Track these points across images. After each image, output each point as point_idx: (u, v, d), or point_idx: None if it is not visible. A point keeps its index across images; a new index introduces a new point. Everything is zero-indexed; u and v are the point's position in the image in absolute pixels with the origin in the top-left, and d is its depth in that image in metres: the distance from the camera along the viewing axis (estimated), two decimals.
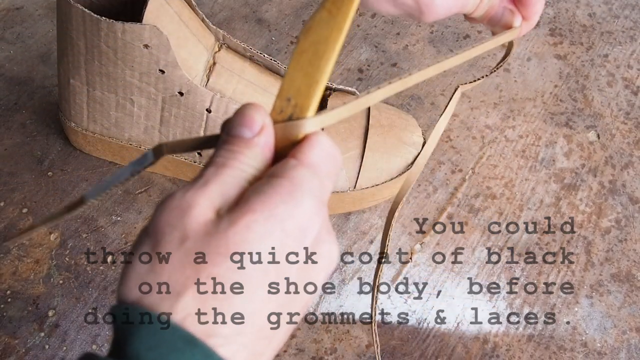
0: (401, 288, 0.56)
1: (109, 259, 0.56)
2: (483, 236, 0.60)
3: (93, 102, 0.55)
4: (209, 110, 0.53)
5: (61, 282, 0.54)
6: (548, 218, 0.61)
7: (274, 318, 0.26)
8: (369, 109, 0.59)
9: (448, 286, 0.57)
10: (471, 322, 0.55)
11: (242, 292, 0.25)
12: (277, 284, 0.26)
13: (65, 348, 0.51)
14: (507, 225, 0.60)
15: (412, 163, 0.57)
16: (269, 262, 0.25)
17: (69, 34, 0.51)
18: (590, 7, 0.77)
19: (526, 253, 0.59)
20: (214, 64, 0.56)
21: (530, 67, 0.71)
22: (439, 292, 0.56)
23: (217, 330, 0.24)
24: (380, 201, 0.59)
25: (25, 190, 0.59)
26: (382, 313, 0.55)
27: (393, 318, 0.55)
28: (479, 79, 0.46)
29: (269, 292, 0.25)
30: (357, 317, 0.55)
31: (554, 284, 0.58)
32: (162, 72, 0.51)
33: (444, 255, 0.58)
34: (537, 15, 0.44)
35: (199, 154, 0.56)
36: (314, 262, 0.27)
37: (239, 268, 0.24)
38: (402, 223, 0.60)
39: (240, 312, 0.25)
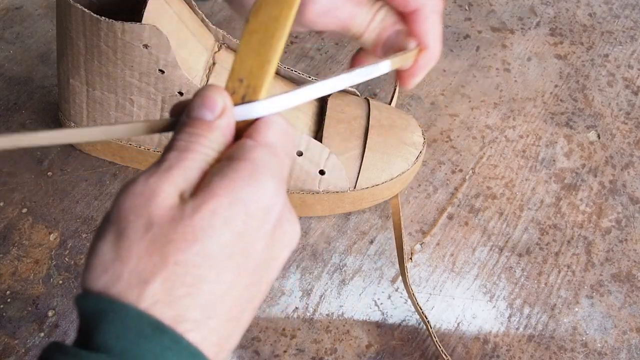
0: (401, 288, 0.56)
1: None
2: (483, 236, 0.59)
3: (93, 102, 0.55)
4: None
5: (61, 282, 0.54)
6: (548, 218, 0.61)
7: (241, 299, 0.26)
8: (369, 109, 0.58)
9: (448, 286, 0.57)
10: (471, 322, 0.55)
11: (210, 277, 0.25)
12: (244, 265, 0.26)
13: None
14: (507, 225, 0.60)
15: (414, 163, 0.57)
16: (234, 245, 0.25)
17: (68, 33, 0.51)
18: (591, 7, 0.77)
19: (526, 253, 0.59)
20: (214, 64, 0.56)
21: (531, 67, 0.71)
22: (439, 292, 0.56)
23: (186, 315, 0.24)
24: (381, 201, 0.59)
25: (25, 190, 0.59)
26: (383, 313, 0.55)
27: (393, 318, 0.55)
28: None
29: (236, 274, 0.26)
30: (357, 317, 0.55)
31: (554, 284, 0.58)
32: (162, 72, 0.51)
33: (444, 255, 0.58)
34: (436, 42, 0.39)
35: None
36: (277, 241, 0.27)
37: (205, 253, 0.25)
38: (402, 223, 0.60)
39: (208, 296, 0.25)
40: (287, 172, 0.28)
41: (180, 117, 0.29)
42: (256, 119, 0.28)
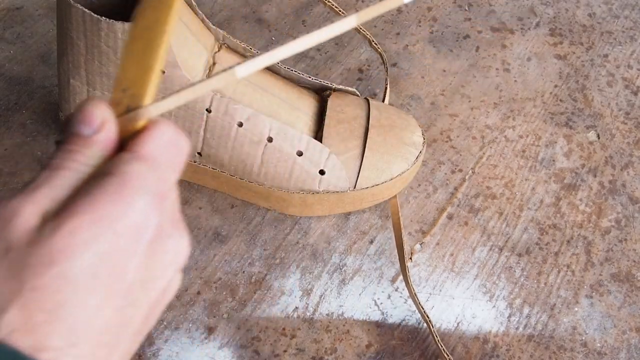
0: (401, 287, 0.56)
1: None
2: (483, 236, 0.60)
3: None
4: (208, 110, 0.53)
5: None
6: (548, 218, 0.61)
7: (114, 323, 0.25)
8: (369, 109, 0.59)
9: (448, 286, 0.57)
10: (471, 322, 0.55)
11: (72, 301, 0.23)
12: (113, 287, 0.24)
13: None
14: (507, 225, 0.60)
15: (414, 163, 0.58)
16: (99, 266, 0.24)
17: (68, 34, 0.51)
18: (590, 7, 0.77)
19: (526, 253, 0.59)
20: (214, 64, 0.56)
21: (530, 67, 0.71)
22: (439, 292, 0.57)
23: (46, 343, 0.23)
24: (381, 201, 0.59)
25: None
26: (382, 313, 0.55)
27: (393, 318, 0.55)
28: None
29: (104, 297, 0.24)
30: (357, 316, 0.55)
31: (554, 283, 0.58)
32: (162, 72, 0.51)
33: (443, 255, 0.58)
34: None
35: (199, 153, 0.56)
36: (155, 259, 0.26)
37: (65, 276, 0.23)
38: (402, 223, 0.60)
39: (72, 322, 0.23)
40: (168, 185, 0.27)
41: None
42: (142, 130, 0.27)
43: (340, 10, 0.66)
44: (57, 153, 0.26)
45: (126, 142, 0.27)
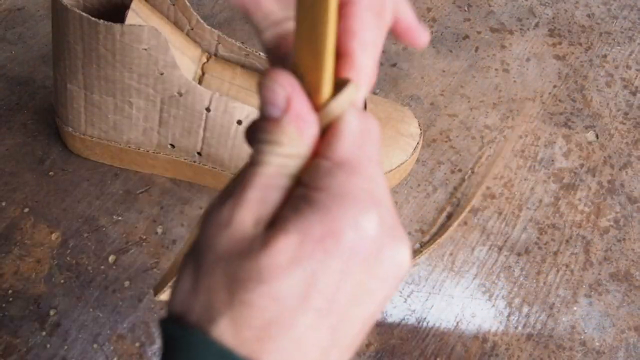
0: (401, 287, 0.57)
1: (110, 258, 0.56)
2: (482, 236, 0.60)
3: (91, 105, 0.55)
4: (208, 110, 0.53)
5: (62, 281, 0.55)
6: (547, 218, 0.61)
7: (326, 343, 0.23)
8: (365, 104, 0.59)
9: (447, 285, 0.57)
10: (470, 321, 0.55)
11: (280, 321, 0.22)
12: (324, 308, 0.23)
13: (66, 347, 0.52)
14: (506, 225, 0.61)
15: (412, 154, 0.58)
16: (309, 286, 0.22)
17: (65, 38, 0.51)
18: (589, 8, 0.78)
19: (525, 252, 0.59)
20: (203, 74, 0.56)
21: (529, 67, 0.72)
22: (439, 291, 0.57)
23: (257, 357, 0.22)
24: None
25: (27, 190, 0.59)
26: (382, 312, 0.55)
27: (393, 317, 0.55)
28: None
29: (316, 317, 0.23)
30: None
31: (553, 283, 0.58)
32: (161, 73, 0.51)
33: (443, 255, 0.58)
34: (366, 53, 0.27)
35: (198, 153, 0.57)
36: (371, 275, 0.23)
37: (273, 295, 0.22)
38: (402, 223, 0.60)
39: (281, 342, 0.22)
40: (377, 185, 0.24)
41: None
42: (327, 125, 0.24)
43: None
44: (255, 145, 0.24)
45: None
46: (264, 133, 0.23)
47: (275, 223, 0.23)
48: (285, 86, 0.23)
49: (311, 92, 0.24)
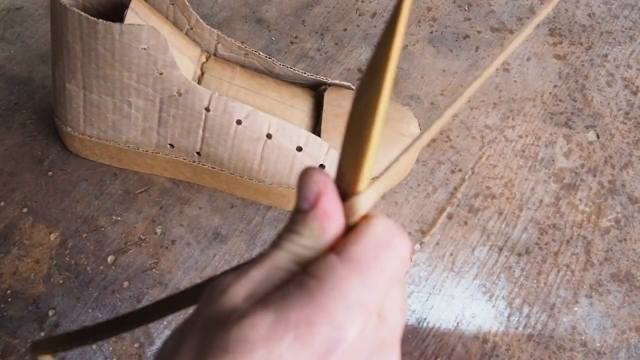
0: None
1: (109, 259, 0.56)
2: (483, 236, 0.60)
3: (90, 105, 0.55)
4: (207, 109, 0.53)
5: (61, 281, 0.54)
6: (547, 218, 0.61)
7: None
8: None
9: (448, 286, 0.57)
10: (471, 322, 0.55)
11: None
12: None
13: None
14: (507, 225, 0.60)
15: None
16: None
17: (64, 38, 0.51)
18: (590, 7, 0.78)
19: (526, 252, 0.59)
20: (202, 74, 0.56)
21: (530, 67, 0.71)
22: (439, 291, 0.57)
23: None
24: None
25: (26, 190, 0.59)
26: None
27: None
28: None
29: None
30: None
31: (554, 283, 0.58)
32: (160, 72, 0.51)
33: (443, 255, 0.58)
34: None
35: (198, 153, 0.56)
36: None
37: None
38: (402, 223, 0.60)
39: None
40: (378, 296, 0.23)
41: None
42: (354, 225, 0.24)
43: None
44: (282, 230, 0.25)
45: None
46: (291, 222, 0.24)
47: (261, 300, 0.23)
48: (319, 183, 0.24)
49: (348, 190, 0.24)
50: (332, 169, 0.56)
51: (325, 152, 0.55)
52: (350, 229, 0.24)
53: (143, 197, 0.59)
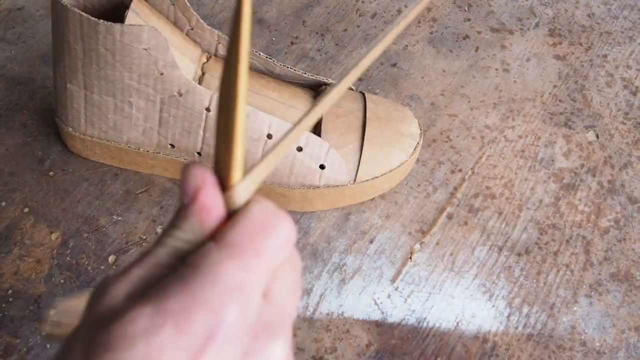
0: (401, 287, 0.57)
1: (110, 258, 0.56)
2: (482, 236, 0.60)
3: (91, 105, 0.55)
4: (208, 109, 0.53)
5: (62, 281, 0.55)
6: (547, 218, 0.61)
7: None
8: (365, 102, 0.59)
9: (448, 285, 0.57)
10: (470, 322, 0.55)
11: None
12: None
13: None
14: (507, 225, 0.61)
15: (412, 154, 0.58)
16: (156, 358, 0.22)
17: (65, 38, 0.51)
18: (590, 8, 0.78)
19: (525, 252, 0.59)
20: (203, 74, 0.56)
21: (530, 67, 0.72)
22: (439, 291, 0.57)
23: None
24: (380, 193, 0.59)
25: (26, 190, 0.59)
26: (382, 312, 0.55)
27: (393, 317, 0.55)
28: None
29: None
30: (356, 316, 0.55)
31: (553, 283, 0.58)
32: (161, 73, 0.51)
33: (443, 255, 0.58)
34: None
35: (198, 153, 0.57)
36: None
37: None
38: (402, 223, 0.60)
39: None
40: (257, 277, 0.23)
41: None
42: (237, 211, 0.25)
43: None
44: (165, 227, 0.25)
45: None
46: (174, 217, 0.25)
47: (140, 296, 0.23)
48: (197, 177, 0.24)
49: (225, 177, 0.25)
50: (332, 169, 0.56)
51: (325, 152, 0.55)
52: (231, 217, 0.25)
53: (144, 197, 0.60)
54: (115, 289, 0.23)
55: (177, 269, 0.23)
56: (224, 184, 0.25)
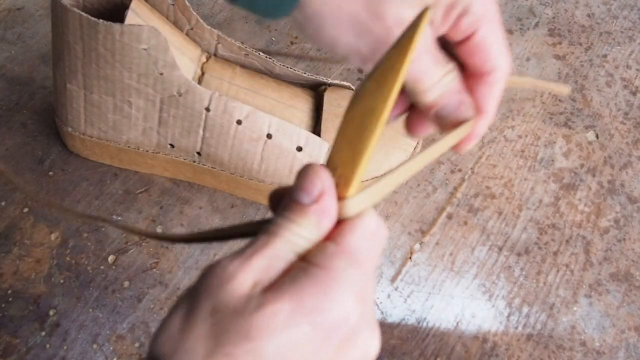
0: (401, 287, 0.56)
1: (110, 258, 0.56)
2: (482, 236, 0.60)
3: (90, 105, 0.55)
4: (207, 109, 0.53)
5: (62, 281, 0.55)
6: (547, 218, 0.61)
7: None
8: None
9: (447, 285, 0.57)
10: (470, 322, 0.55)
11: None
12: None
13: (66, 347, 0.52)
14: (506, 225, 0.61)
15: (412, 154, 0.58)
16: (290, 352, 0.24)
17: (65, 38, 0.51)
18: (589, 8, 0.78)
19: (525, 252, 0.59)
20: (202, 74, 0.56)
21: (530, 67, 0.72)
22: (439, 291, 0.57)
23: None
24: None
25: (26, 190, 0.59)
26: (382, 312, 0.55)
27: (393, 317, 0.55)
28: None
29: None
30: None
31: (553, 283, 0.58)
32: (161, 73, 0.51)
33: (443, 255, 0.58)
34: (495, 108, 0.37)
35: (198, 153, 0.57)
36: (344, 355, 0.26)
37: (257, 353, 0.24)
38: (402, 223, 0.60)
39: None
40: (370, 283, 0.27)
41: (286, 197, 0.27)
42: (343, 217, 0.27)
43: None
44: (276, 218, 0.27)
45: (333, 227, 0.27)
46: (289, 211, 0.26)
47: (272, 288, 0.25)
48: (323, 181, 0.26)
49: (340, 184, 0.26)
50: None
51: (325, 152, 0.55)
52: (339, 222, 0.27)
53: (143, 197, 0.59)
54: (242, 277, 0.25)
55: (305, 267, 0.25)
56: (339, 193, 0.26)
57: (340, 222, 0.27)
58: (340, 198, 0.26)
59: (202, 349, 0.24)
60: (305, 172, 0.27)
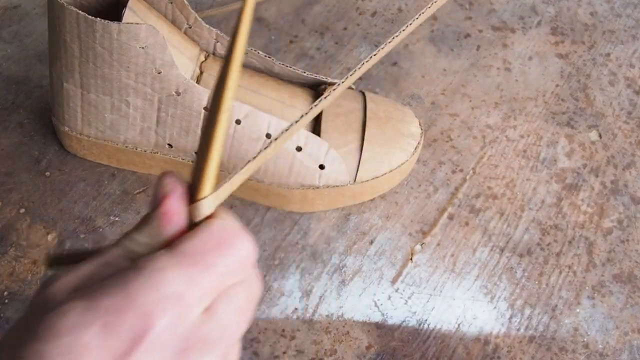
0: (401, 288, 0.56)
1: None
2: (484, 236, 0.59)
3: (87, 105, 0.55)
4: (206, 109, 0.53)
5: None
6: (549, 218, 0.61)
7: None
8: (365, 102, 0.58)
9: (449, 287, 0.56)
10: (472, 323, 0.55)
11: None
12: None
13: None
14: (508, 226, 0.60)
15: (412, 154, 0.58)
16: (72, 354, 0.22)
17: (62, 37, 0.51)
18: (592, 6, 0.77)
19: (527, 253, 0.59)
20: (201, 73, 0.56)
21: (532, 66, 0.71)
22: (440, 292, 0.56)
23: None
24: (380, 193, 0.59)
25: (23, 190, 0.58)
26: (383, 314, 0.55)
27: (393, 319, 0.55)
28: None
29: None
30: (357, 318, 0.54)
31: (556, 284, 0.57)
32: (159, 72, 0.51)
33: (444, 256, 0.58)
34: None
35: (196, 153, 0.56)
36: None
37: (40, 354, 0.22)
38: (403, 223, 0.59)
39: None
40: (197, 290, 0.23)
41: None
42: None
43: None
44: (127, 231, 0.26)
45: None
46: (139, 222, 0.26)
47: (78, 291, 0.23)
48: (167, 185, 0.25)
49: (195, 189, 0.26)
50: (332, 169, 0.55)
51: (325, 152, 0.55)
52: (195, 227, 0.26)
53: (141, 198, 0.59)
54: (61, 282, 0.24)
55: (123, 270, 0.23)
56: (193, 197, 0.26)
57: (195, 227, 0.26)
58: (194, 201, 0.26)
59: (9, 351, 0.23)
60: (156, 182, 0.26)
